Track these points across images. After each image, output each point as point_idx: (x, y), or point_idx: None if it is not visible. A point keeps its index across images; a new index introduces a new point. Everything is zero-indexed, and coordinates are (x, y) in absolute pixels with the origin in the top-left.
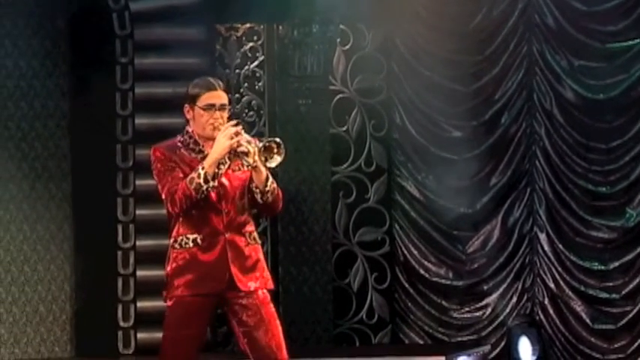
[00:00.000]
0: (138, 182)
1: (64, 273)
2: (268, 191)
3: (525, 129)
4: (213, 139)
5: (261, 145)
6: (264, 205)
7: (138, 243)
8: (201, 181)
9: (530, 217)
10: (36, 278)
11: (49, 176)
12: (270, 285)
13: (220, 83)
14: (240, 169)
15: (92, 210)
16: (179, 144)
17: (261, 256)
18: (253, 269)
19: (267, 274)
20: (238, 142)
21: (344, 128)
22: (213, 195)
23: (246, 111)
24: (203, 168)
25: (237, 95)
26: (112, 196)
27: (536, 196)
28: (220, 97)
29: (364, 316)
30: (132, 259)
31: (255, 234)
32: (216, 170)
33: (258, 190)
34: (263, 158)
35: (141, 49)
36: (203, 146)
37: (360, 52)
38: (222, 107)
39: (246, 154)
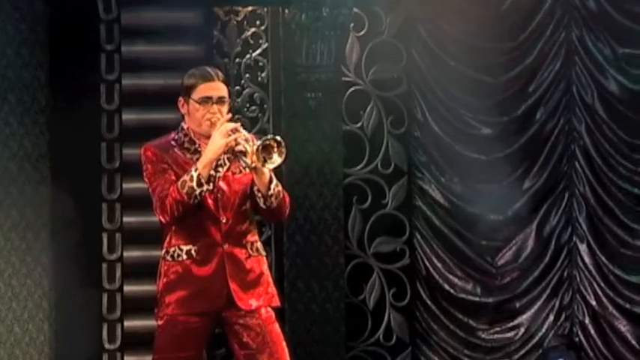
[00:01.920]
0: (125, 185)
1: (41, 288)
2: (272, 195)
3: (563, 126)
4: (210, 136)
5: (259, 143)
6: (268, 210)
7: (125, 254)
8: (194, 184)
9: (569, 225)
10: (10, 294)
11: (26, 179)
12: (276, 302)
13: (219, 73)
14: (241, 172)
15: (74, 217)
16: (173, 142)
17: (266, 270)
18: (256, 284)
19: (272, 289)
20: (235, 140)
21: (358, 125)
22: (210, 201)
23: (248, 105)
24: (196, 169)
25: (237, 87)
26: (97, 201)
27: (576, 201)
28: (218, 88)
29: (381, 337)
30: (118, 273)
31: (258, 244)
32: (213, 172)
33: (260, 194)
34: (261, 158)
35: (129, 35)
36: (200, 145)
37: (376, 38)
38: (220, 100)
39: (244, 153)
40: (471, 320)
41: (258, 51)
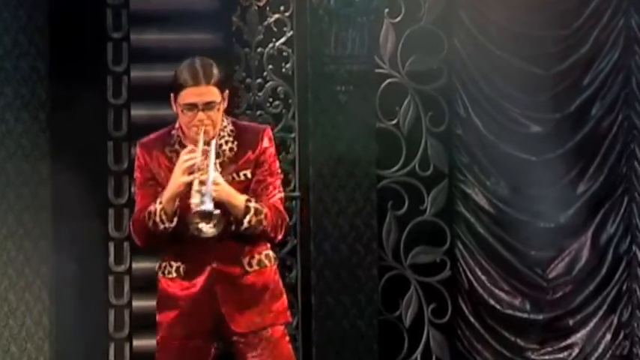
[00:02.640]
0: (134, 189)
1: (41, 303)
2: (246, 228)
3: (622, 122)
4: (195, 144)
5: (202, 206)
6: (245, 233)
7: (134, 266)
8: (157, 219)
9: (628, 233)
10: (6, 310)
11: (24, 181)
12: (285, 318)
13: (210, 73)
14: (233, 179)
15: (77, 224)
16: (167, 139)
17: (272, 283)
18: (256, 302)
19: (279, 304)
20: (193, 180)
21: (393, 122)
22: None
23: (271, 100)
24: (160, 202)
25: (259, 80)
26: (103, 206)
27: (636, 206)
28: (205, 93)
29: (418, 358)
30: (126, 287)
31: (261, 256)
32: (176, 207)
33: (232, 218)
34: (194, 223)
35: (138, 21)
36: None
37: (413, 25)
38: (207, 106)
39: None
40: (519, 339)
41: (283, 39)
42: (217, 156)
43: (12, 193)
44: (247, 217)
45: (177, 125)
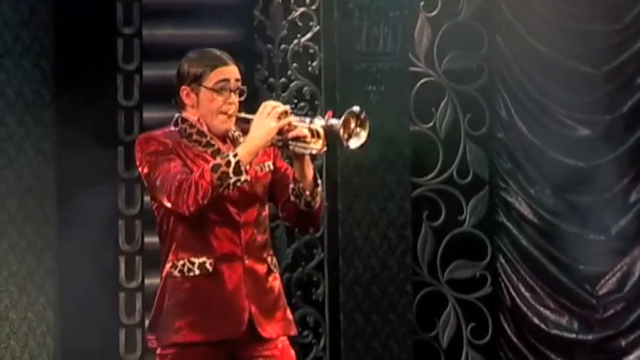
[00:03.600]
0: (147, 199)
1: (45, 323)
2: (317, 193)
3: None
4: (223, 132)
5: (339, 120)
6: (306, 214)
7: (147, 281)
8: (230, 170)
9: None
10: (8, 330)
11: (26, 190)
12: (294, 330)
13: (229, 56)
14: (263, 169)
15: (84, 236)
16: (177, 135)
17: (282, 290)
18: (275, 308)
19: (289, 314)
20: (290, 123)
21: (429, 124)
22: (228, 202)
23: (296, 101)
24: (236, 154)
25: (283, 80)
26: (113, 217)
27: None
28: (235, 72)
29: None
30: (139, 305)
31: (275, 258)
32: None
33: (302, 192)
34: (345, 136)
35: (151, 16)
36: (211, 138)
37: (451, 20)
38: (237, 87)
39: (302, 138)
40: None
41: (309, 35)
42: None
43: (13, 202)
44: (318, 189)
45: (182, 119)
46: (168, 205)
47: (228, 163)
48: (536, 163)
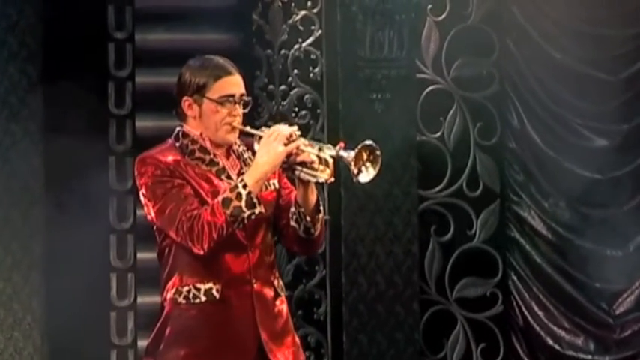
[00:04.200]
0: (140, 212)
1: (32, 343)
2: (318, 221)
3: None
4: (226, 145)
5: (352, 153)
6: (306, 241)
7: (140, 300)
8: (243, 204)
9: None
10: None
11: (12, 203)
12: (302, 356)
13: (233, 65)
14: (267, 189)
15: (74, 253)
16: (177, 151)
17: (289, 314)
18: (284, 333)
19: (297, 339)
20: (298, 147)
21: (437, 134)
22: None
23: (296, 109)
24: (245, 185)
25: (283, 87)
26: (104, 232)
27: None
28: (239, 83)
29: None
30: (131, 324)
31: (281, 280)
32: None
33: (302, 219)
34: (355, 170)
35: (144, 20)
36: (215, 155)
37: (460, 24)
38: (242, 99)
39: (309, 164)
40: None
41: (310, 40)
42: (244, 163)
43: None
44: (320, 215)
45: (183, 133)
46: (178, 240)
47: (239, 196)
48: (549, 174)
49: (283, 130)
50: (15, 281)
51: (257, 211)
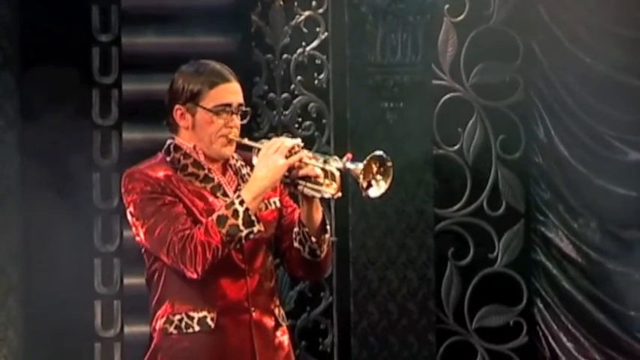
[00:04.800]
0: (127, 233)
1: None
2: (324, 241)
3: None
4: (222, 159)
5: (360, 165)
6: (311, 264)
7: (127, 330)
8: (240, 222)
9: None
10: None
11: None
12: None
13: (231, 71)
14: (267, 207)
15: (54, 278)
16: (168, 166)
17: (291, 346)
18: None
19: None
20: (301, 159)
21: (455, 147)
22: None
23: (300, 120)
24: (242, 201)
25: (285, 95)
26: (87, 255)
27: None
28: (237, 91)
29: None
30: (117, 356)
31: (282, 309)
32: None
33: (309, 240)
34: (365, 184)
35: (132, 21)
36: (210, 170)
37: (481, 25)
38: (241, 109)
39: (313, 178)
40: None
41: (315, 43)
42: (242, 180)
43: None
44: (326, 236)
45: (175, 147)
46: (169, 262)
47: (236, 214)
48: (579, 192)
49: (285, 141)
50: None
51: (256, 229)
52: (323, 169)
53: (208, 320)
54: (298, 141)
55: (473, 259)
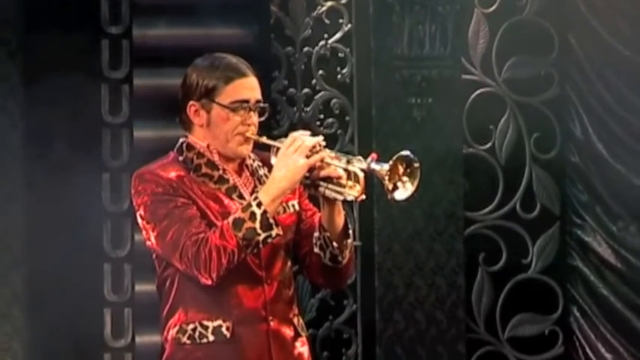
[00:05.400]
0: (138, 237)
1: None
2: (347, 246)
3: None
4: (239, 158)
5: (385, 166)
6: (333, 270)
7: (138, 340)
8: (257, 225)
9: None
10: None
11: None
12: None
13: (249, 65)
14: (285, 210)
15: (61, 284)
16: (181, 166)
17: (311, 358)
18: None
19: None
20: (322, 158)
21: (486, 145)
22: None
23: (322, 116)
24: (260, 204)
25: (306, 90)
26: (96, 261)
27: None
28: (255, 87)
29: None
30: None
31: (301, 319)
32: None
33: (331, 245)
34: (390, 186)
35: (143, 12)
36: (225, 171)
37: (514, 16)
38: (258, 106)
39: (335, 179)
40: None
41: (338, 35)
42: (259, 181)
43: None
44: (349, 241)
45: (187, 145)
46: (182, 268)
47: (253, 216)
48: (618, 193)
49: (305, 140)
50: None
51: (274, 233)
52: (346, 170)
53: (223, 330)
54: (320, 139)
55: (505, 264)
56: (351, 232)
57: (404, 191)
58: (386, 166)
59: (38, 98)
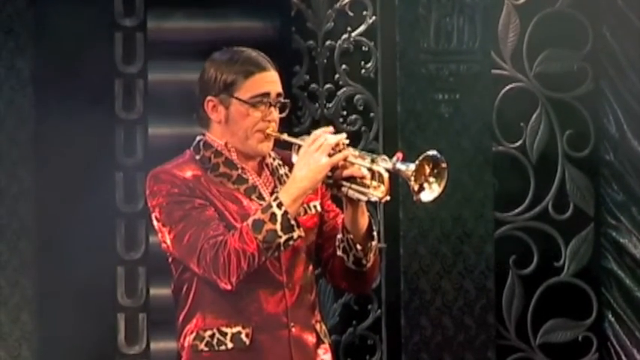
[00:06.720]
0: (153, 239)
1: None
2: (371, 249)
3: None
4: (258, 157)
5: (412, 166)
6: (357, 274)
7: (153, 346)
8: (278, 227)
9: None
10: None
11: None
12: None
13: (268, 59)
14: (306, 212)
15: (72, 289)
16: (198, 165)
17: None
18: None
19: None
20: (346, 157)
21: (517, 143)
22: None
23: (345, 113)
24: (280, 204)
25: (328, 85)
26: (109, 263)
27: None
28: (275, 81)
29: None
30: None
31: (324, 325)
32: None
33: (354, 248)
34: (416, 187)
35: (158, 4)
36: (243, 170)
37: (546, 8)
38: (279, 101)
39: (359, 179)
40: None
41: (362, 28)
42: (280, 181)
43: None
44: (373, 243)
45: (205, 143)
46: (200, 272)
47: (274, 218)
48: None
49: (328, 137)
50: (2, 322)
51: (296, 235)
52: (370, 170)
53: (243, 336)
54: (343, 137)
55: (537, 267)
56: (375, 234)
57: (430, 192)
58: (412, 167)
59: (49, 94)
